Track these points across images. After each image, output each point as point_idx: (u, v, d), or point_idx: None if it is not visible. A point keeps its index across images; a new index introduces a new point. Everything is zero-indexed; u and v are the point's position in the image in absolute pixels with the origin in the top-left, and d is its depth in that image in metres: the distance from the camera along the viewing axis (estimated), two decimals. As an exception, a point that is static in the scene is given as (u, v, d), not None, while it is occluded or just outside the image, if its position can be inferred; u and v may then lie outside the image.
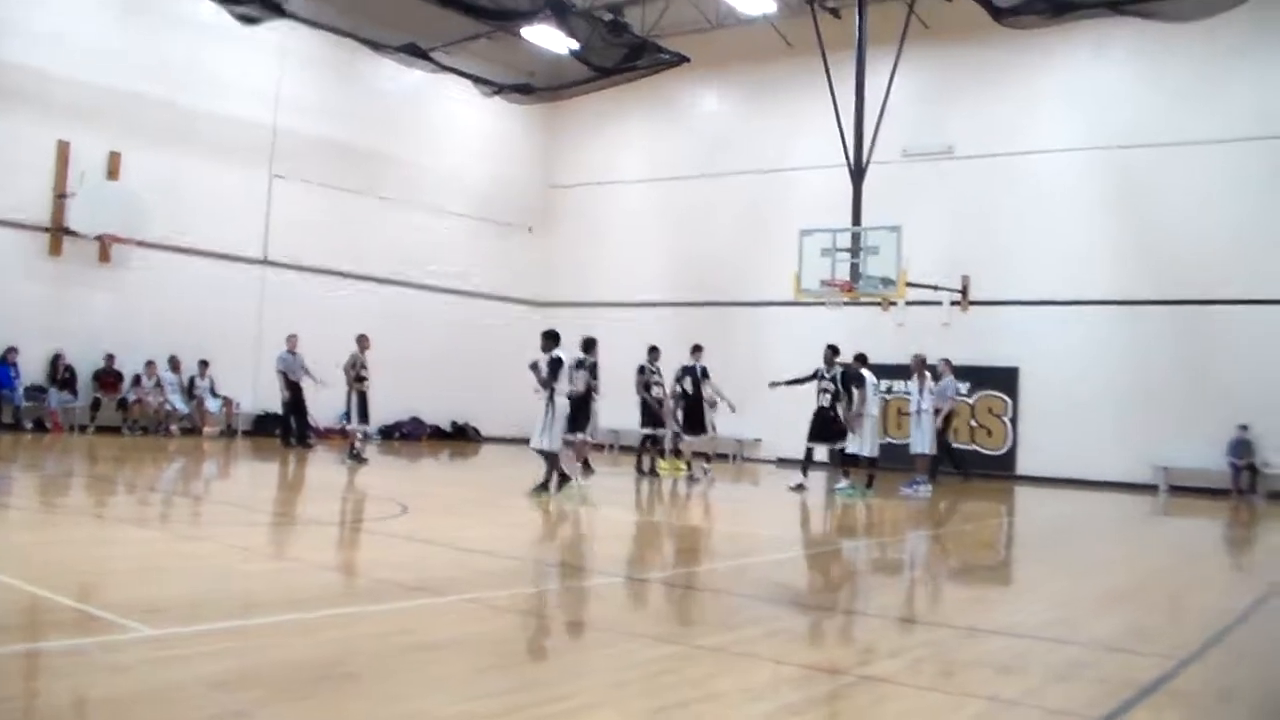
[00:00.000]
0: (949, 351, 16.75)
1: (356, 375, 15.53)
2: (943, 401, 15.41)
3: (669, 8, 21.25)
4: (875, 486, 14.44)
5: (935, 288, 18.34)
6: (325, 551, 8.00)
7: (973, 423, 20.14)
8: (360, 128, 22.27)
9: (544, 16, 19.00)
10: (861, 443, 14.33)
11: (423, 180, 23.43)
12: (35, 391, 17.62)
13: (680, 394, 15.59)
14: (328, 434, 19.70)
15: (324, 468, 15.13)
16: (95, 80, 18.09)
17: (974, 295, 19.25)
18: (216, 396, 19.56)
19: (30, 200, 17.53)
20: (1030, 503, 16.40)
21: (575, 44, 19.84)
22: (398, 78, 22.52)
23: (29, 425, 17.47)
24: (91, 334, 18.17)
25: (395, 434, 22.33)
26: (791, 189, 22.20)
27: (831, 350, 14.49)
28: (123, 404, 18.46)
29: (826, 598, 7.27)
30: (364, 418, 15.68)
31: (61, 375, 17.81)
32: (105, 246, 18.18)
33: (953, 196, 20.64)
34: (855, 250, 17.25)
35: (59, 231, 17.77)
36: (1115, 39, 19.13)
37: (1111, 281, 19.25)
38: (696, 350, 15.70)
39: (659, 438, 16.26)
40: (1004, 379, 19.96)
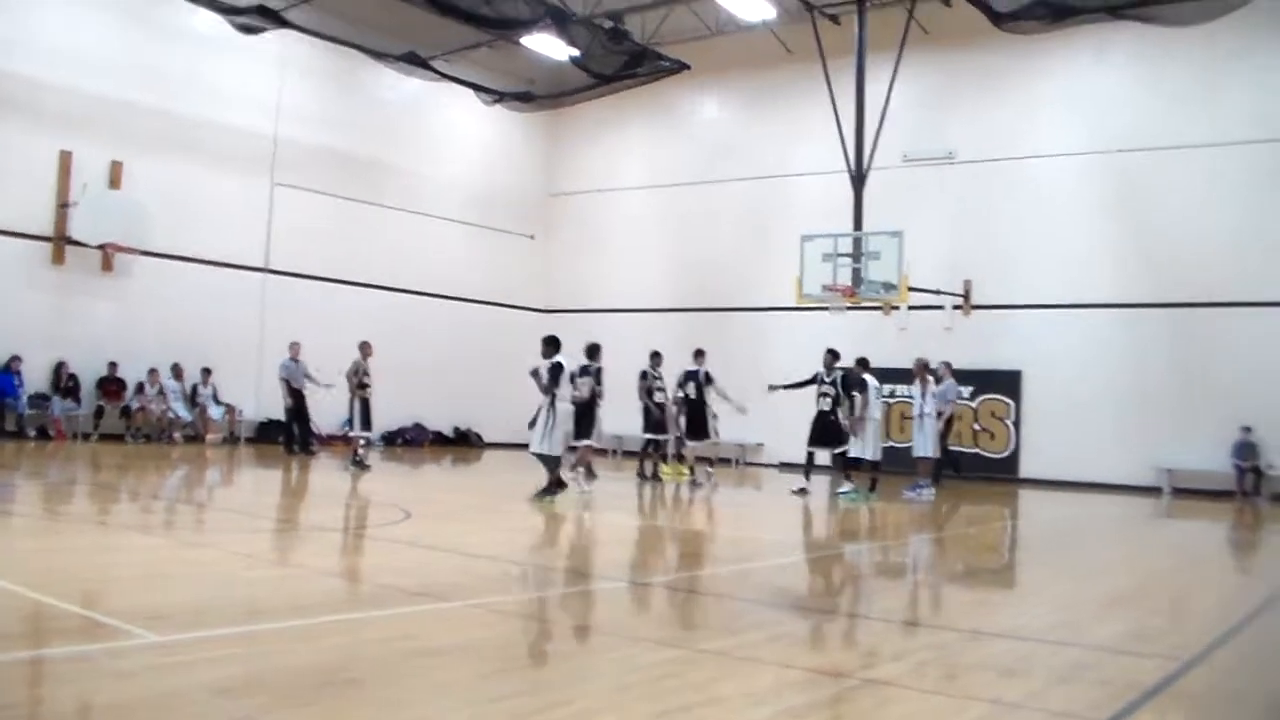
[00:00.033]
0: (951, 355, 16.82)
1: (359, 382, 15.55)
2: (944, 405, 15.41)
3: (669, 15, 21.29)
4: (878, 490, 14.44)
5: (937, 292, 18.37)
6: (328, 558, 8.01)
7: (976, 426, 20.14)
8: (361, 136, 22.34)
9: (544, 25, 19.05)
10: (864, 446, 14.31)
11: (424, 188, 23.49)
12: (39, 399, 17.67)
13: (683, 399, 15.60)
14: (330, 440, 19.72)
15: (327, 474, 15.14)
16: (97, 91, 18.17)
17: (976, 299, 19.33)
18: (219, 404, 19.59)
19: (33, 210, 17.59)
20: (1033, 505, 16.37)
21: (575, 52, 19.87)
22: (398, 86, 22.58)
23: (32, 433, 17.51)
24: (94, 342, 18.23)
25: (398, 440, 22.37)
26: (792, 195, 22.24)
27: (831, 354, 14.50)
28: (126, 412, 18.50)
29: (829, 601, 7.26)
30: (367, 424, 15.70)
31: (65, 383, 17.86)
32: (108, 256, 18.23)
33: (954, 201, 20.67)
34: (857, 255, 17.29)
35: (62, 241, 17.83)
36: (1115, 44, 19.16)
37: (1113, 285, 19.27)
38: (699, 355, 15.69)
39: (661, 443, 16.28)
40: (1007, 382, 19.96)
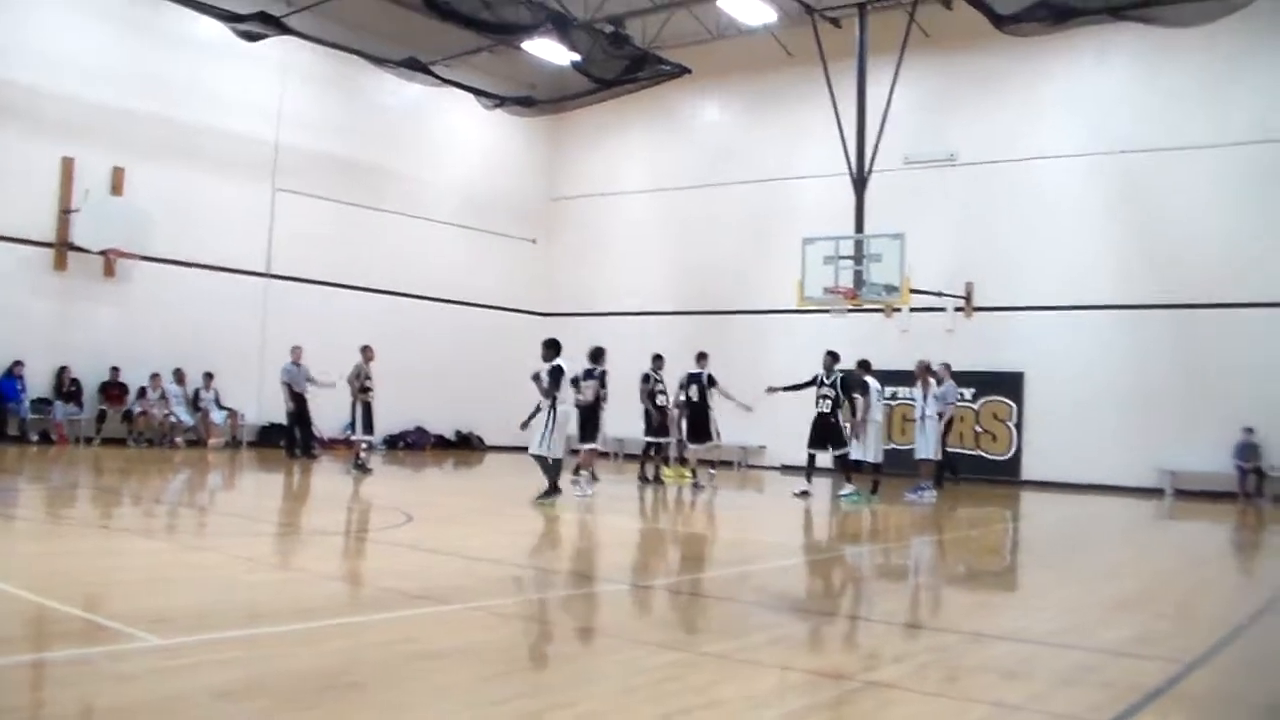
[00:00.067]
0: (953, 357, 16.82)
1: (361, 386, 15.58)
2: (945, 406, 15.41)
3: (670, 19, 21.30)
4: (880, 492, 14.43)
5: (939, 294, 18.37)
6: (330, 561, 8.01)
7: (978, 428, 20.13)
8: (362, 141, 22.37)
9: (545, 29, 19.07)
10: (865, 449, 14.31)
11: (425, 193, 23.51)
12: (41, 404, 17.68)
13: (685, 402, 15.60)
14: (332, 444, 19.73)
15: (329, 478, 15.13)
16: (98, 97, 18.21)
17: (978, 301, 19.34)
18: (221, 408, 19.60)
19: (35, 216, 17.61)
20: (1035, 507, 16.34)
21: (576, 56, 19.89)
22: (399, 92, 22.62)
23: (35, 437, 17.52)
24: (96, 347, 18.26)
25: (400, 444, 22.38)
26: (793, 198, 22.24)
27: (831, 356, 14.48)
28: (128, 416, 18.51)
29: (831, 604, 7.26)
30: (368, 428, 15.73)
31: (67, 388, 17.88)
32: (110, 261, 18.27)
33: (955, 203, 20.67)
34: (858, 257, 17.28)
35: (64, 247, 17.85)
36: (1116, 45, 19.16)
37: (1115, 286, 19.26)
38: (702, 358, 15.69)
39: (663, 445, 16.28)
40: (1009, 384, 19.95)
